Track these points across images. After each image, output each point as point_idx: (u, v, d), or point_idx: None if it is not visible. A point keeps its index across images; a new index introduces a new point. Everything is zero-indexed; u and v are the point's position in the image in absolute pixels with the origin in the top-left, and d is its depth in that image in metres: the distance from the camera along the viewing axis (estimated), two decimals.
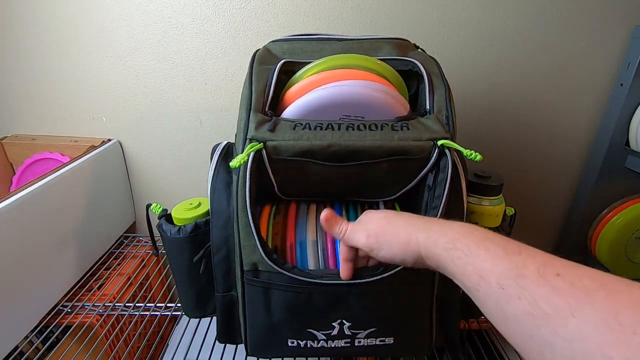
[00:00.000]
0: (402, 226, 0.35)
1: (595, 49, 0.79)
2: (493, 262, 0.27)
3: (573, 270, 0.24)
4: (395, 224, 0.36)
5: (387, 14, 0.76)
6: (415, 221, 0.36)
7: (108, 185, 0.82)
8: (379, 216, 0.38)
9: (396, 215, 0.38)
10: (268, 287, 0.45)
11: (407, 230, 0.35)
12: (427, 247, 0.33)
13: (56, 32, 0.77)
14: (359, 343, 0.49)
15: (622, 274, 0.86)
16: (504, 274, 0.26)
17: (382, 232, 0.37)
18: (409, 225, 0.35)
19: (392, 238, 0.36)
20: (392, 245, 0.35)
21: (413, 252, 0.34)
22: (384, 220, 0.37)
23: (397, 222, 0.36)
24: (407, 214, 0.38)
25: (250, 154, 0.39)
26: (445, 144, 0.41)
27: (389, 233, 0.36)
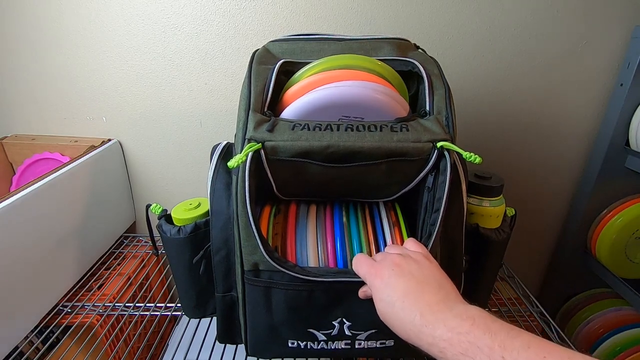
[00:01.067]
0: (398, 328, 0.35)
1: (595, 49, 0.79)
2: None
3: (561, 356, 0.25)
4: (393, 325, 0.36)
5: (387, 14, 0.76)
6: (408, 324, 0.34)
7: (108, 185, 0.82)
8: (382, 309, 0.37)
9: (390, 313, 0.36)
10: (269, 287, 0.45)
11: (402, 333, 0.35)
12: (426, 350, 0.33)
13: (56, 32, 0.77)
14: (359, 345, 0.48)
15: (622, 274, 0.86)
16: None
17: (386, 317, 0.37)
18: (403, 330, 0.35)
19: (394, 327, 0.36)
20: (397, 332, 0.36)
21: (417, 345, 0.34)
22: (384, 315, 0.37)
23: (394, 324, 0.36)
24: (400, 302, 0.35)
25: (248, 154, 0.39)
26: (444, 146, 0.40)
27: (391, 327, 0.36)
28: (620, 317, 0.92)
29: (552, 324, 0.69)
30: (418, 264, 0.39)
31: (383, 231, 0.49)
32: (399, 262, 0.39)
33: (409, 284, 0.36)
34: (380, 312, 0.38)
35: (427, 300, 0.34)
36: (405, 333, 0.34)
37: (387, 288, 0.37)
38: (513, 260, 0.94)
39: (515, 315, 0.73)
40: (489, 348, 0.28)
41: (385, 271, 0.38)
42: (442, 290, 0.36)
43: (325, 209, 0.52)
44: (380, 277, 0.38)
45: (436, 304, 0.34)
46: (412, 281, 0.36)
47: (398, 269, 0.38)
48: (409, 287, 0.36)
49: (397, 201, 0.53)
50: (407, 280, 0.37)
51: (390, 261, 0.39)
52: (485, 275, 0.58)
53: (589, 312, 0.95)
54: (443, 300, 0.34)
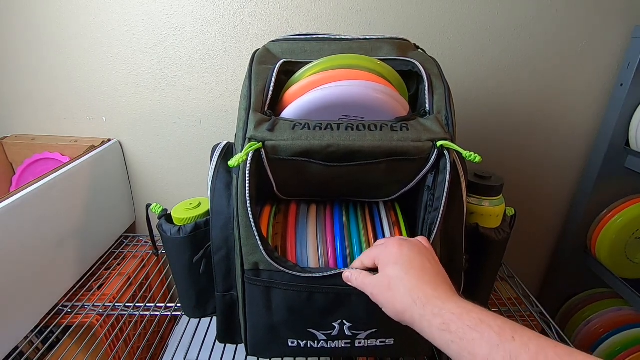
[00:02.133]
0: (400, 295, 0.35)
1: (595, 49, 0.79)
2: (488, 349, 0.27)
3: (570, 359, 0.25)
4: (395, 290, 0.36)
5: (387, 14, 0.76)
6: (417, 292, 0.34)
7: (108, 185, 0.82)
8: (384, 274, 0.38)
9: (402, 276, 0.36)
10: (269, 287, 0.45)
11: (404, 301, 0.35)
12: (421, 326, 0.33)
13: (56, 32, 0.77)
14: (359, 344, 0.49)
15: (622, 274, 0.86)
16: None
17: (381, 295, 0.37)
18: (408, 297, 0.34)
19: (389, 305, 0.36)
20: (388, 310, 0.36)
21: (407, 323, 0.35)
22: (385, 283, 0.37)
23: (397, 289, 0.36)
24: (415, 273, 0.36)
25: (249, 154, 0.39)
26: (444, 145, 0.41)
27: (388, 300, 0.36)
28: (620, 317, 0.92)
29: (552, 324, 0.69)
30: (434, 255, 0.40)
31: (383, 231, 0.49)
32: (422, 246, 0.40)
33: (426, 264, 0.37)
34: (385, 274, 0.37)
35: (440, 283, 0.35)
36: (408, 300, 0.34)
37: (407, 257, 0.37)
38: (513, 260, 0.94)
39: (515, 315, 0.73)
40: (500, 328, 0.28)
41: (410, 244, 0.39)
42: (451, 285, 0.37)
43: (325, 209, 0.52)
44: (399, 246, 0.38)
45: (446, 290, 0.34)
46: (429, 265, 0.37)
47: (421, 250, 0.39)
48: (426, 266, 0.37)
49: (397, 201, 0.53)
50: (426, 263, 0.37)
51: (415, 242, 0.40)
52: (485, 275, 0.58)
53: (589, 312, 0.95)
54: (452, 290, 0.35)
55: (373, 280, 0.39)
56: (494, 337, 0.28)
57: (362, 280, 0.40)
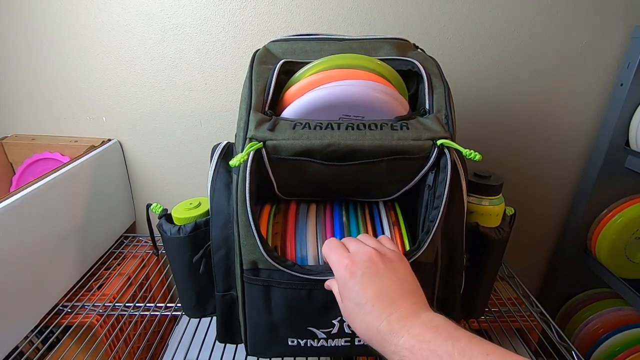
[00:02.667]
0: (360, 330, 0.35)
1: (595, 49, 0.79)
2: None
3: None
4: (355, 323, 0.36)
5: (387, 14, 0.76)
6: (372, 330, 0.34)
7: (108, 185, 0.82)
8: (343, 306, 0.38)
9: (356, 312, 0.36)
10: (268, 286, 0.45)
11: (364, 336, 0.35)
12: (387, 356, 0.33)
13: (56, 32, 0.77)
14: (359, 342, 0.49)
15: (622, 274, 0.86)
16: None
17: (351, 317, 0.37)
18: (366, 334, 0.35)
19: (356, 331, 0.36)
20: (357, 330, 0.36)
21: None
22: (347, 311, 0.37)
23: (356, 324, 0.36)
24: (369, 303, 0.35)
25: (250, 153, 0.39)
26: (444, 144, 0.41)
27: (353, 327, 0.36)
28: (620, 317, 0.92)
29: (552, 324, 0.69)
30: (393, 264, 0.38)
31: (383, 231, 0.49)
32: (375, 259, 0.37)
33: (382, 286, 0.35)
34: (344, 311, 0.37)
35: (397, 306, 0.34)
36: (368, 337, 0.34)
37: (358, 287, 0.36)
38: (513, 260, 0.94)
39: (515, 315, 0.73)
40: (449, 355, 0.28)
41: (360, 267, 0.37)
42: (412, 296, 0.35)
43: (325, 209, 0.52)
44: (353, 274, 0.37)
45: (406, 311, 0.33)
46: (385, 284, 0.36)
47: (374, 267, 0.37)
48: (381, 290, 0.35)
49: (397, 201, 0.53)
50: (381, 282, 0.36)
51: (367, 256, 0.38)
52: (485, 274, 0.58)
53: (589, 312, 0.96)
54: (412, 306, 0.34)
55: (341, 308, 0.39)
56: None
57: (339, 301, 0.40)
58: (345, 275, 0.37)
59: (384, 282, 0.36)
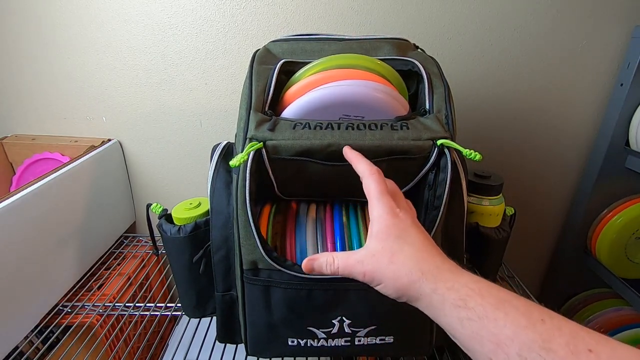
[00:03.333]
0: (406, 267, 0.31)
1: (595, 49, 0.79)
2: (514, 329, 0.24)
3: (608, 346, 0.22)
4: (399, 263, 0.31)
5: (387, 14, 0.76)
6: (424, 263, 0.31)
7: (108, 185, 0.82)
8: (383, 246, 0.32)
9: (404, 247, 0.32)
10: (268, 286, 0.45)
11: (411, 274, 0.30)
12: (430, 300, 0.29)
13: (56, 32, 0.77)
14: (359, 342, 0.49)
15: (622, 274, 0.86)
16: (527, 345, 0.23)
17: (380, 272, 0.32)
18: (415, 268, 0.30)
19: (390, 281, 0.31)
20: (388, 286, 0.32)
21: (410, 298, 0.31)
22: (386, 256, 0.32)
23: (402, 261, 0.31)
24: (418, 243, 0.32)
25: (250, 153, 0.39)
26: (444, 144, 0.41)
27: (389, 275, 0.31)
28: (620, 317, 0.92)
29: None
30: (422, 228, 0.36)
31: None
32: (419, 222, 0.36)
33: (429, 240, 0.34)
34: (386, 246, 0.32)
35: (447, 258, 0.32)
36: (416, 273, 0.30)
37: (410, 230, 0.33)
38: (513, 260, 0.94)
39: None
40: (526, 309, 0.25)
41: (410, 217, 0.34)
42: None
43: (325, 209, 0.52)
44: (402, 219, 0.34)
45: (458, 263, 0.31)
46: (430, 241, 0.34)
47: (420, 226, 0.35)
48: (430, 241, 0.33)
49: None
50: (428, 238, 0.34)
51: (414, 215, 0.36)
52: (486, 274, 0.58)
53: (589, 312, 0.95)
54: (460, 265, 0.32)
55: (366, 255, 0.33)
56: (521, 318, 0.24)
57: (344, 262, 0.34)
58: (394, 217, 0.33)
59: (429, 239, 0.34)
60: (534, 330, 0.23)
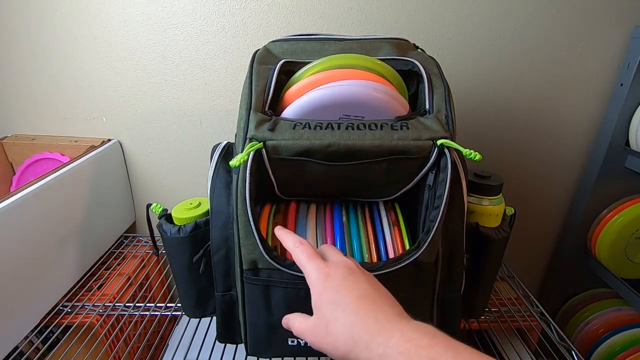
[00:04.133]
0: (342, 336, 0.31)
1: (595, 49, 0.79)
2: None
3: None
4: (335, 333, 0.31)
5: (387, 14, 0.76)
6: (357, 328, 0.30)
7: (108, 185, 0.82)
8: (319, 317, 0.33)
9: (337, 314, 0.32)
10: (268, 285, 0.45)
11: (346, 343, 0.30)
12: None
13: (56, 32, 0.77)
14: None
15: (622, 274, 0.86)
16: None
17: (320, 344, 0.33)
18: (349, 336, 0.30)
19: (331, 351, 0.32)
20: (333, 355, 0.32)
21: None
22: (322, 327, 0.32)
23: (337, 331, 0.31)
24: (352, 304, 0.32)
25: (250, 153, 0.39)
26: (444, 144, 0.41)
27: (328, 347, 0.32)
28: (620, 317, 0.92)
29: (552, 324, 0.69)
30: (373, 277, 0.36)
31: (383, 231, 0.49)
32: (355, 268, 0.36)
33: (365, 290, 0.33)
34: (321, 316, 0.33)
35: (384, 308, 0.32)
36: (350, 342, 0.30)
37: (340, 288, 0.33)
38: (513, 260, 0.94)
39: (515, 315, 0.73)
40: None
41: (341, 272, 0.35)
42: (397, 306, 0.33)
43: (325, 209, 0.52)
44: (333, 278, 0.34)
45: (392, 314, 0.31)
46: (368, 289, 0.34)
47: (356, 274, 0.35)
48: (365, 293, 0.33)
49: (397, 201, 0.53)
50: (364, 287, 0.34)
51: (347, 264, 0.36)
52: (485, 274, 0.58)
53: (589, 312, 0.96)
54: (399, 313, 0.32)
55: (309, 326, 0.34)
56: None
57: (299, 328, 0.36)
58: (325, 280, 0.34)
59: (367, 288, 0.34)
60: None
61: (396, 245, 0.47)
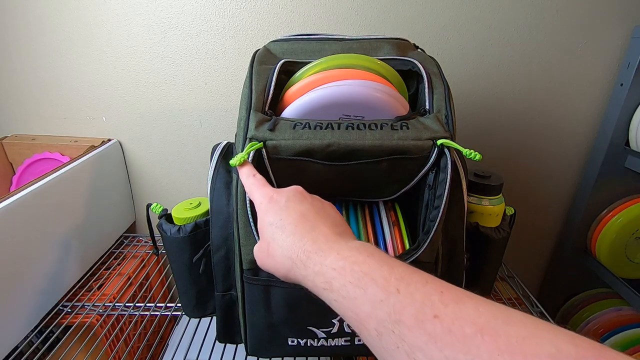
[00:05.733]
0: (280, 257, 0.31)
1: (595, 49, 0.79)
2: (371, 305, 0.24)
3: (455, 311, 0.22)
4: (275, 254, 0.32)
5: (387, 14, 0.76)
6: (294, 248, 0.30)
7: (108, 185, 0.82)
8: (262, 239, 0.34)
9: (276, 235, 0.32)
10: (268, 285, 0.45)
11: (284, 263, 0.31)
12: (307, 286, 0.30)
13: (56, 32, 0.77)
14: (359, 341, 0.49)
15: (622, 274, 0.86)
16: (382, 320, 0.24)
17: (265, 265, 0.34)
18: (286, 257, 0.31)
19: (274, 272, 0.33)
20: (277, 275, 0.33)
21: (297, 284, 0.31)
22: (265, 249, 0.33)
23: (276, 252, 0.32)
24: (291, 225, 0.32)
25: (250, 153, 0.39)
26: (444, 144, 0.41)
27: (271, 268, 0.33)
28: (620, 317, 0.92)
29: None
30: (322, 201, 0.36)
31: (383, 231, 0.49)
32: (303, 192, 0.36)
33: (307, 212, 0.33)
34: (264, 238, 0.33)
35: (323, 230, 0.31)
36: (288, 262, 0.30)
37: (282, 211, 0.33)
38: (513, 260, 0.94)
39: None
40: (385, 280, 0.25)
41: (285, 195, 0.35)
42: (340, 226, 0.33)
43: None
44: (276, 201, 0.34)
45: (332, 235, 0.31)
46: (310, 211, 0.33)
47: (300, 196, 0.35)
48: (306, 215, 0.33)
49: (397, 201, 0.53)
50: (306, 209, 0.33)
51: (294, 189, 0.36)
52: (486, 274, 0.58)
53: (589, 312, 0.95)
54: (340, 234, 0.31)
55: (256, 249, 0.35)
56: (378, 292, 0.24)
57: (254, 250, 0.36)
58: (268, 203, 0.34)
59: (309, 210, 0.33)
60: (388, 303, 0.24)
61: (396, 245, 0.47)
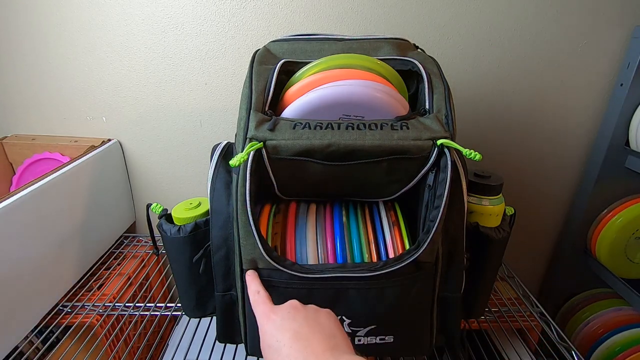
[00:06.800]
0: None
1: (595, 49, 0.79)
2: None
3: None
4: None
5: (387, 14, 0.76)
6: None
7: (108, 185, 0.82)
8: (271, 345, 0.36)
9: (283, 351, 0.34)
10: (268, 285, 0.45)
11: None
12: None
13: (57, 31, 0.77)
14: (359, 341, 0.49)
15: (622, 274, 0.86)
16: None
17: None
18: None
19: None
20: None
21: None
22: (273, 355, 0.35)
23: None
24: (285, 347, 0.34)
25: (250, 153, 0.39)
26: (444, 144, 0.41)
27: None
28: (620, 317, 0.92)
29: (552, 324, 0.69)
30: (317, 312, 0.38)
31: (383, 231, 0.49)
32: (297, 306, 0.38)
33: (300, 329, 0.35)
34: (264, 351, 0.36)
35: (315, 348, 0.34)
36: None
37: (277, 332, 0.36)
38: (513, 260, 0.94)
39: (515, 315, 0.73)
40: None
41: (280, 314, 0.38)
42: (333, 339, 0.35)
43: (325, 209, 0.52)
44: (273, 321, 0.37)
45: (322, 353, 0.33)
46: (303, 327, 0.36)
47: (294, 311, 0.37)
48: (300, 332, 0.35)
49: (397, 201, 0.53)
50: (299, 325, 0.36)
51: (289, 304, 0.39)
52: (485, 274, 0.58)
53: (589, 312, 0.96)
54: (331, 349, 0.34)
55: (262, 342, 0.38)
56: None
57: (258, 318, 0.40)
58: (266, 324, 0.38)
59: (302, 326, 0.36)
60: None
61: (396, 245, 0.47)
